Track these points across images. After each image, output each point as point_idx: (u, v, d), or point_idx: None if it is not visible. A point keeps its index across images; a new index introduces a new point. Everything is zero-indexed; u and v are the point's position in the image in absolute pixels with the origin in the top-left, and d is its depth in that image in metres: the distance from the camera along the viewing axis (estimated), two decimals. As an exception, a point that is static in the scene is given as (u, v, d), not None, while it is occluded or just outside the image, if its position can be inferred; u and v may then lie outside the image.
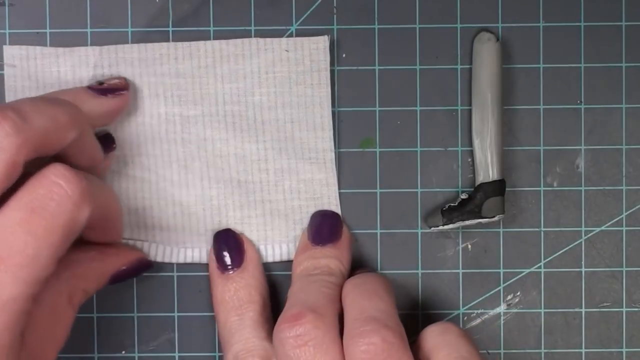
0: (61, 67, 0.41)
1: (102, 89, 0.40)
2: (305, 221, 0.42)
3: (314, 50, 0.42)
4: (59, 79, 0.41)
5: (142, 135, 0.42)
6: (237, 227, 0.42)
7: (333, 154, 0.42)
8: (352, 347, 0.34)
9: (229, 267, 0.41)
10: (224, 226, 0.42)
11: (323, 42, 0.42)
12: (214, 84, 0.42)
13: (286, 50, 0.41)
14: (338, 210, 0.42)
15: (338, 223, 0.42)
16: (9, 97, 0.41)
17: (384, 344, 0.34)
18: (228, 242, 0.41)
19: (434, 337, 0.36)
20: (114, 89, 0.40)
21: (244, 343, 0.39)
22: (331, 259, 0.40)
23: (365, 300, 0.36)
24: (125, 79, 0.41)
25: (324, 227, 0.41)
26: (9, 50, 0.42)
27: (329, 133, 0.42)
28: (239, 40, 0.42)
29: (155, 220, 0.42)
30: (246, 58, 0.42)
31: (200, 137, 0.42)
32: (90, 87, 0.40)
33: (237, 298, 0.40)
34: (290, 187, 0.42)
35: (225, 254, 0.41)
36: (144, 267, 0.42)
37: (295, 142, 0.42)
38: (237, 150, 0.42)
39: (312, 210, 0.42)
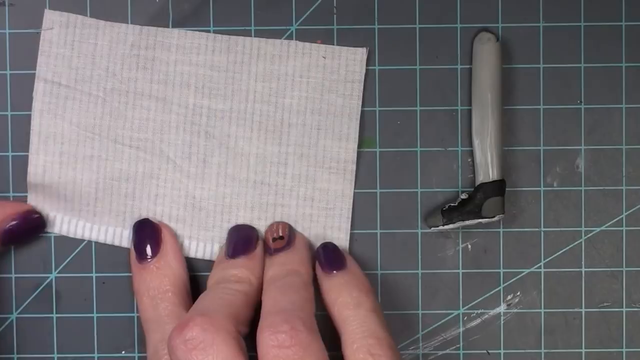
0: (99, 40, 0.42)
1: None
2: (313, 230, 0.42)
3: (351, 61, 0.42)
4: (94, 52, 0.42)
5: (167, 122, 0.42)
6: None
7: (354, 167, 0.42)
8: (261, 336, 0.35)
9: (146, 256, 0.41)
10: (232, 224, 0.42)
11: (361, 54, 0.42)
12: (247, 80, 0.42)
13: (323, 57, 0.41)
14: (347, 222, 0.42)
15: (252, 235, 0.41)
16: (42, 62, 0.42)
17: (292, 331, 0.35)
18: (145, 231, 0.41)
19: (346, 310, 0.38)
20: None
21: (161, 333, 0.39)
22: (240, 268, 0.40)
23: (279, 294, 0.37)
24: None
25: (238, 241, 0.41)
26: (50, 15, 0.42)
27: (353, 145, 0.42)
28: (277, 41, 0.42)
29: (165, 209, 0.42)
30: (283, 59, 0.42)
31: (225, 132, 0.42)
32: None
33: (152, 288, 0.40)
34: (304, 194, 0.42)
35: (143, 243, 0.41)
36: (35, 222, 0.41)
37: (318, 150, 0.42)
38: (258, 150, 0.42)
39: (322, 219, 0.42)
